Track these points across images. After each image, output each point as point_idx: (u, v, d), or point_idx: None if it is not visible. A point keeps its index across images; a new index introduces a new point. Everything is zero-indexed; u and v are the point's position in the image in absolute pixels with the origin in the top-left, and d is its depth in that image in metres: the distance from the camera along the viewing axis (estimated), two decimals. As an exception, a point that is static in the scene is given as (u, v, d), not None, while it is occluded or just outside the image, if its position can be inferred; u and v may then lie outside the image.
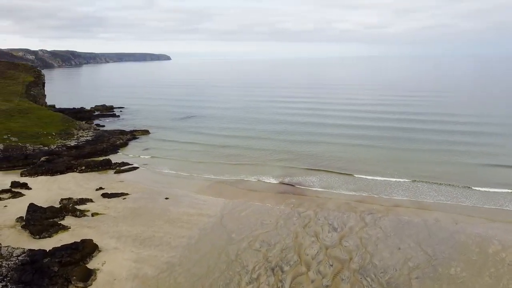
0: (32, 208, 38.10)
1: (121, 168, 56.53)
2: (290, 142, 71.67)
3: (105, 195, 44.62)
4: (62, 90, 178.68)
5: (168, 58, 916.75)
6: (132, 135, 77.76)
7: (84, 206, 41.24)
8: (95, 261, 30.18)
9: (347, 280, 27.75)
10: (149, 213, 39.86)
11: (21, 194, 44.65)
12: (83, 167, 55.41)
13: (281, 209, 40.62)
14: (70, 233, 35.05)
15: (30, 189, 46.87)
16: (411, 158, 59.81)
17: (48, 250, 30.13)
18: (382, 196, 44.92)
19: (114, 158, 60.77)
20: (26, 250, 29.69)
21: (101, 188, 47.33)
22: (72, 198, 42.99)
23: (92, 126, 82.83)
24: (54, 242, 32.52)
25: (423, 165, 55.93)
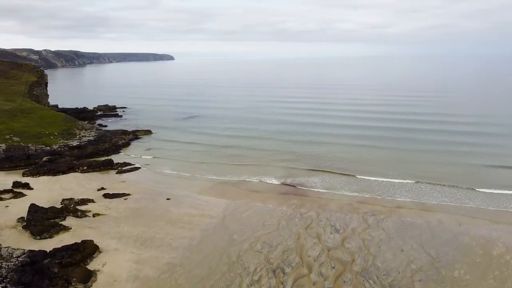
0: (33, 208, 38.04)
1: (123, 168, 56.52)
2: (292, 142, 71.45)
3: (106, 196, 44.58)
4: (65, 90, 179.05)
5: (171, 58, 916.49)
6: (134, 135, 77.74)
7: (85, 207, 41.18)
8: (96, 262, 30.07)
9: (349, 282, 27.50)
10: (150, 213, 39.73)
11: (22, 194, 44.67)
12: (85, 167, 55.40)
13: (283, 210, 40.41)
14: (71, 233, 34.96)
15: (32, 189, 46.89)
16: (414, 159, 59.44)
17: (48, 251, 30.03)
18: (384, 197, 44.63)
19: (116, 158, 60.76)
20: (26, 251, 29.58)
21: (102, 188, 47.30)
22: (73, 199, 42.92)
23: (94, 126, 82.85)
24: (54, 242, 32.45)
25: (426, 166, 55.55)
